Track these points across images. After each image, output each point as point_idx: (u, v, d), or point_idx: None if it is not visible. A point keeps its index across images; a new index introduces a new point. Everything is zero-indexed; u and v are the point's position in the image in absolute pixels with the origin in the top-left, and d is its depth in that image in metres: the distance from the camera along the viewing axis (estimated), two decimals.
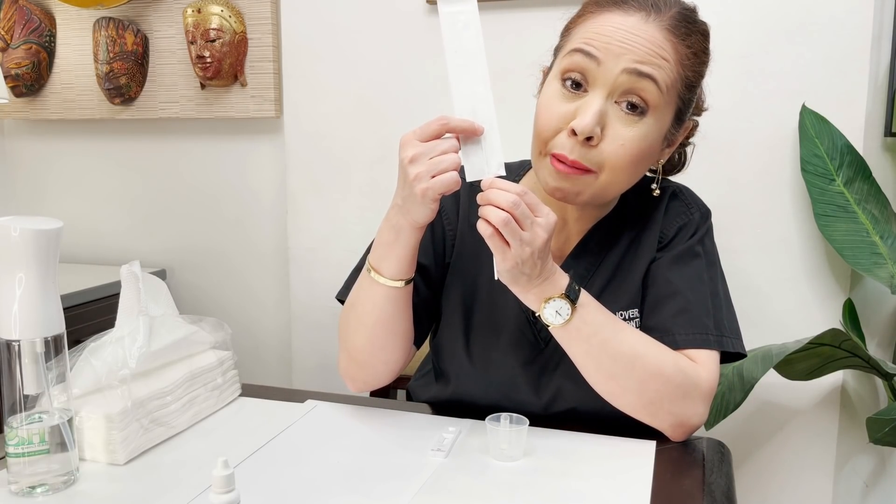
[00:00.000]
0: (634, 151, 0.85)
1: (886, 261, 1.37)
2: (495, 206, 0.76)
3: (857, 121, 1.42)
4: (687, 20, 0.86)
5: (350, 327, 0.94)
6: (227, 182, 1.92)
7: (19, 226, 0.72)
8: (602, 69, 0.83)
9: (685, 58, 0.85)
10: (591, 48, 0.83)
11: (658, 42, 0.83)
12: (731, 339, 0.93)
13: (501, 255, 0.78)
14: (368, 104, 1.71)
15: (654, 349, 0.87)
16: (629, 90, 0.83)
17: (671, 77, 0.84)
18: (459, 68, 0.81)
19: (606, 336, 0.85)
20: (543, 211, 0.78)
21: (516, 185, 0.77)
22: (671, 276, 0.93)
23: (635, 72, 0.82)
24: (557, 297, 0.82)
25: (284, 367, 1.93)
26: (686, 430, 0.89)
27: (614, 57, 0.82)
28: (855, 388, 1.50)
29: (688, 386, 0.86)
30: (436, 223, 1.00)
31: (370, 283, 0.90)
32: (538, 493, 0.76)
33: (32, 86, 1.97)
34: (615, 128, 0.84)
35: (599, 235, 0.97)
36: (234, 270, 1.95)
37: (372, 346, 0.93)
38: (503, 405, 0.95)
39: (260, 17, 1.78)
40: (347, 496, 0.75)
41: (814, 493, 1.53)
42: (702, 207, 0.99)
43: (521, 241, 0.76)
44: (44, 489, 0.75)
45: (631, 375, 0.85)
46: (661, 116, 0.85)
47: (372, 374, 0.97)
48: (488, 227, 0.76)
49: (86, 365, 0.84)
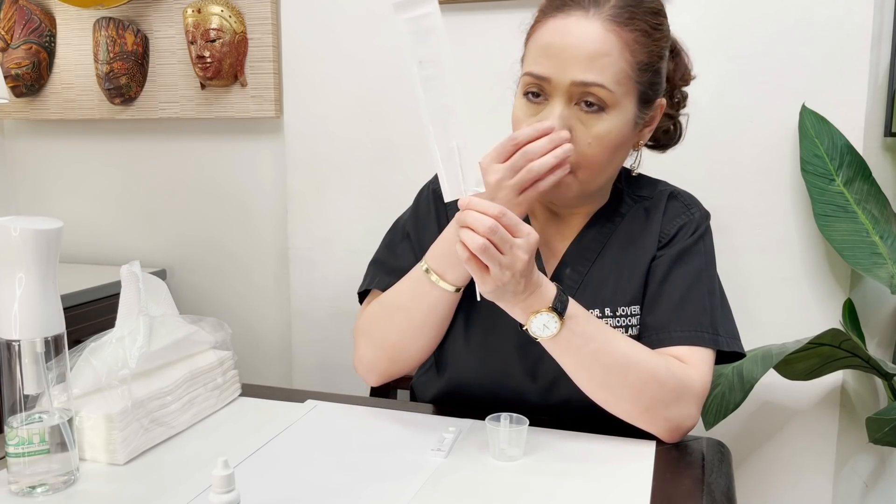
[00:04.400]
0: (604, 146, 0.87)
1: (886, 261, 1.37)
2: (472, 230, 0.75)
3: (857, 121, 1.42)
4: (629, 4, 0.87)
5: (392, 325, 0.96)
6: (227, 182, 1.92)
7: (19, 226, 0.72)
8: (553, 84, 0.86)
9: (633, 42, 0.87)
10: (539, 68, 0.87)
11: (599, 37, 0.85)
12: (727, 339, 0.93)
13: (480, 279, 0.77)
14: (368, 104, 1.71)
15: (645, 356, 0.87)
16: (582, 94, 0.86)
17: (620, 69, 0.86)
18: (426, 81, 0.77)
19: (597, 346, 0.85)
20: (523, 231, 0.76)
21: (494, 206, 0.75)
22: (670, 274, 0.94)
23: (581, 83, 0.85)
24: (544, 311, 0.81)
25: (284, 367, 1.93)
26: (680, 433, 0.89)
27: (560, 71, 0.85)
28: (855, 388, 1.50)
29: (681, 390, 0.87)
30: (441, 212, 1.02)
31: (429, 287, 0.91)
32: (538, 493, 0.76)
33: (32, 86, 1.97)
34: (580, 129, 0.87)
35: (595, 229, 0.98)
36: (234, 270, 1.95)
37: (415, 343, 0.96)
38: (500, 392, 0.96)
39: (260, 17, 1.78)
40: (347, 496, 0.75)
41: (814, 493, 1.53)
42: (701, 209, 1.00)
43: (501, 266, 0.75)
44: (44, 489, 0.75)
45: (624, 384, 0.85)
46: (621, 109, 0.87)
47: (403, 367, 0.99)
48: (465, 251, 0.75)
49: (86, 365, 0.84)
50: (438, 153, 0.79)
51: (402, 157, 1.70)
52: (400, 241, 1.04)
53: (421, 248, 1.01)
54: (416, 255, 1.01)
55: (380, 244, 1.07)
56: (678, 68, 0.97)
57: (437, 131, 0.78)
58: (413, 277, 0.94)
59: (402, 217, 1.08)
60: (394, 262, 1.02)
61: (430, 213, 1.03)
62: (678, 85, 0.98)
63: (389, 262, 1.03)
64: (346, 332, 1.09)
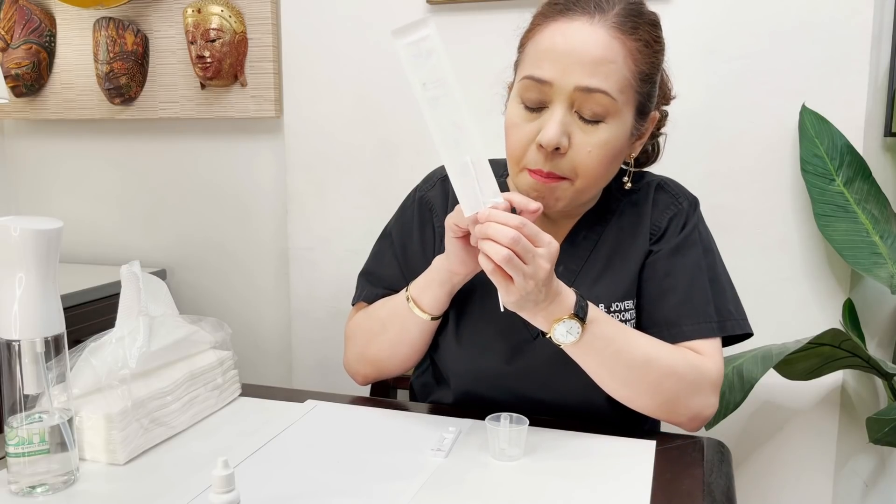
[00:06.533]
0: (602, 155, 0.86)
1: (886, 261, 1.37)
2: (495, 242, 0.75)
3: (857, 121, 1.42)
4: (632, 14, 0.86)
5: (372, 340, 1.00)
6: (227, 182, 1.92)
7: (19, 226, 0.72)
8: (555, 88, 0.84)
9: (635, 52, 0.86)
10: (541, 72, 0.85)
11: (604, 44, 0.84)
12: (735, 322, 0.95)
13: (505, 289, 0.78)
14: (368, 104, 1.71)
15: (664, 350, 0.89)
16: (584, 102, 0.84)
17: (623, 77, 0.85)
18: (432, 101, 0.77)
19: (619, 346, 0.86)
20: (545, 240, 0.77)
21: (515, 217, 0.76)
22: (671, 268, 0.95)
23: (585, 89, 0.83)
24: (567, 318, 0.82)
25: (284, 367, 1.93)
26: (701, 422, 0.91)
27: (564, 75, 0.84)
28: (855, 388, 1.50)
29: (700, 380, 0.89)
30: (426, 220, 1.03)
31: (406, 312, 0.94)
32: (538, 493, 0.76)
33: (32, 86, 1.97)
34: (579, 136, 0.85)
35: (587, 228, 0.98)
36: (234, 270, 1.95)
37: (393, 358, 1.00)
38: (498, 397, 0.95)
39: (260, 17, 1.78)
40: (347, 496, 0.75)
41: (814, 493, 1.53)
42: (689, 196, 1.00)
43: (525, 276, 0.76)
44: (44, 489, 0.75)
45: (646, 379, 0.87)
46: (621, 118, 0.87)
47: (385, 374, 1.04)
48: (489, 262, 0.76)
49: (86, 365, 0.84)
50: (453, 170, 0.79)
51: (402, 157, 1.70)
52: (386, 250, 1.06)
53: (404, 256, 1.03)
54: (399, 263, 1.03)
55: (371, 251, 1.09)
56: (661, 86, 0.96)
57: (449, 149, 0.78)
58: (396, 303, 0.97)
59: (391, 222, 1.09)
60: (380, 272, 1.05)
61: (413, 220, 1.04)
62: (660, 103, 0.98)
63: (376, 272, 1.06)
64: None
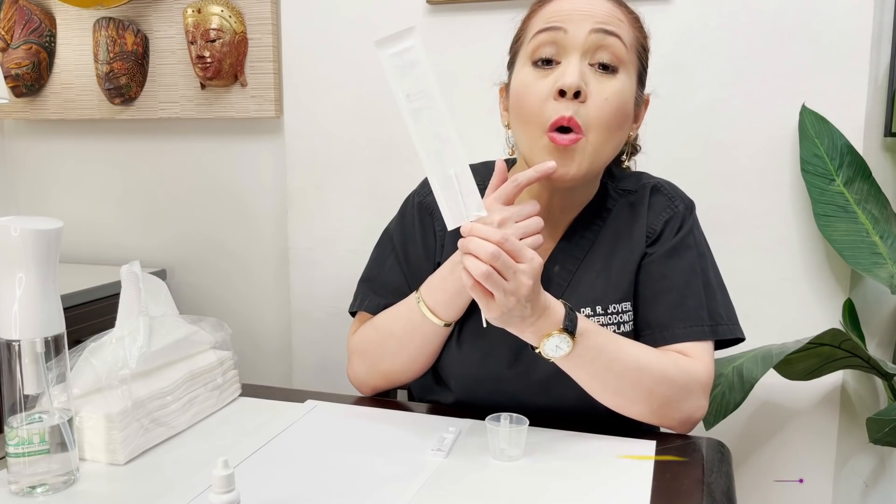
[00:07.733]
0: (617, 106, 0.87)
1: (886, 261, 1.37)
2: (475, 257, 0.74)
3: (857, 121, 1.42)
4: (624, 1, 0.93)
5: (385, 351, 0.98)
6: (227, 182, 1.92)
7: (19, 226, 0.72)
8: (570, 35, 0.87)
9: (634, 22, 0.92)
10: (556, 22, 0.88)
11: (610, 9, 0.89)
12: (726, 326, 0.95)
13: (486, 305, 0.77)
14: (368, 104, 1.71)
15: (654, 357, 0.88)
16: (600, 47, 0.87)
17: (631, 36, 0.90)
18: (415, 113, 0.76)
19: (609, 357, 0.86)
20: (527, 256, 0.76)
21: (497, 231, 0.75)
22: (665, 271, 0.95)
23: (602, 30, 0.86)
24: (556, 333, 0.81)
25: (284, 367, 1.93)
26: (692, 424, 0.92)
27: (579, 22, 0.87)
28: (855, 388, 1.50)
29: (690, 383, 0.89)
30: (427, 225, 1.02)
31: (422, 320, 0.93)
32: (538, 493, 0.76)
33: (32, 86, 1.97)
34: (595, 86, 0.87)
35: (583, 228, 0.98)
36: (234, 270, 1.95)
37: (408, 369, 0.99)
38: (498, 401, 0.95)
39: (260, 17, 1.78)
40: (347, 496, 0.75)
41: (814, 493, 1.53)
42: (685, 199, 1.00)
43: (505, 292, 0.75)
44: (44, 489, 0.75)
45: (638, 388, 0.87)
46: (629, 74, 0.90)
47: (396, 384, 1.03)
48: (469, 278, 0.75)
49: (86, 365, 0.84)
50: (436, 182, 0.78)
51: (402, 157, 1.70)
52: (388, 255, 1.05)
53: (407, 262, 1.02)
54: (402, 270, 1.02)
55: (369, 257, 1.08)
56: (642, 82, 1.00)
57: (433, 161, 0.77)
58: (406, 306, 0.95)
59: (390, 227, 1.08)
60: (382, 279, 1.03)
61: (414, 225, 1.03)
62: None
63: (378, 279, 1.04)
64: (345, 331, 1.09)
